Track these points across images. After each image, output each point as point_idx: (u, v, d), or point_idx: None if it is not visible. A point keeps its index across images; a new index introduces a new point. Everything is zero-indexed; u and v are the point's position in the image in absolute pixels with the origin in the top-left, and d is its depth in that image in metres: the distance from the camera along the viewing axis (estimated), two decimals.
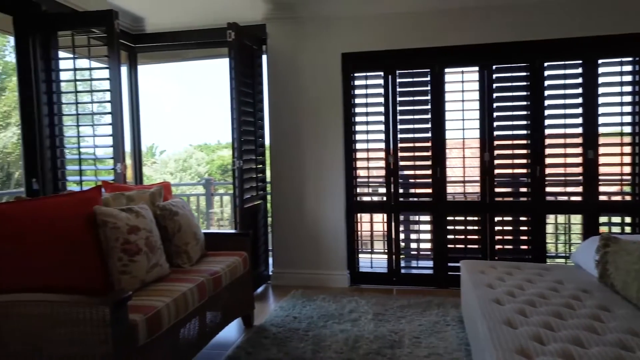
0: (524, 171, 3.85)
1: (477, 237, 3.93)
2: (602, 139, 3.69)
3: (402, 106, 3.96)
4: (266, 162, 4.28)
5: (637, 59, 3.62)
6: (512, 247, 3.94)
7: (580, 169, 3.73)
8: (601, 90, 3.66)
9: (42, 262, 1.95)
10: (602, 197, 3.74)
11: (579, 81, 3.69)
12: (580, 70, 3.68)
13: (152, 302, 2.05)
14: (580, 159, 3.71)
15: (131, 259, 2.20)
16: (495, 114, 3.82)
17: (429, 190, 4.00)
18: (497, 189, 3.89)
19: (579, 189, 3.75)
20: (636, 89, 3.64)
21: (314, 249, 4.13)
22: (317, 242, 4.13)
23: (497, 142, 3.85)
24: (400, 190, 4.06)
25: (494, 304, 2.18)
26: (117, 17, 3.28)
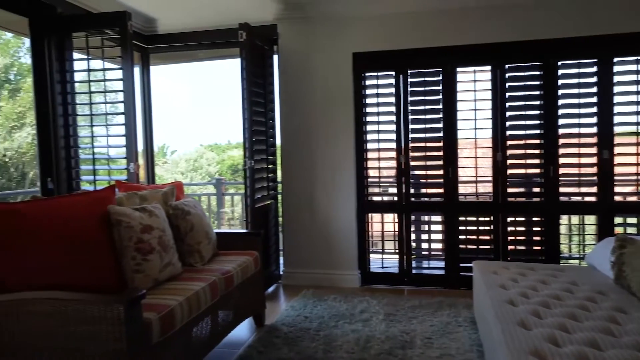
0: (537, 171, 3.81)
1: (489, 237, 3.90)
2: (617, 139, 3.64)
3: (414, 106, 3.94)
4: (277, 162, 4.29)
5: None
6: (524, 247, 3.90)
7: (595, 169, 3.68)
8: (616, 89, 3.60)
9: (57, 261, 1.97)
10: (617, 198, 3.69)
11: (594, 80, 3.64)
12: (595, 69, 3.63)
13: (165, 301, 2.06)
14: (595, 159, 3.66)
15: (144, 258, 2.21)
16: (507, 114, 3.78)
17: (441, 190, 3.97)
18: (509, 189, 3.85)
19: (593, 189, 3.71)
20: None
21: (324, 249, 4.13)
22: (328, 242, 4.12)
23: (509, 142, 3.81)
24: (411, 190, 4.04)
25: (507, 305, 2.16)
26: (130, 19, 3.31)
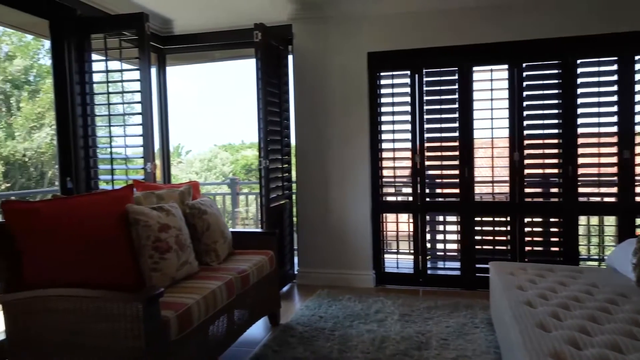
0: (555, 171, 3.75)
1: (506, 238, 3.86)
2: (638, 138, 3.56)
3: (429, 105, 3.91)
4: (292, 162, 4.30)
5: None
6: (542, 248, 3.84)
7: (615, 169, 3.61)
8: (638, 87, 3.53)
9: (77, 259, 2.01)
10: (638, 198, 3.61)
11: (614, 78, 3.56)
12: (615, 67, 3.56)
13: (182, 299, 2.08)
14: (615, 159, 3.59)
15: (162, 257, 2.24)
16: (525, 113, 3.73)
17: (456, 190, 3.94)
18: (526, 189, 3.80)
19: (613, 189, 3.64)
20: None
21: (339, 249, 4.13)
22: (342, 241, 4.12)
23: (527, 142, 3.76)
24: (426, 190, 4.02)
25: (525, 306, 2.13)
26: (147, 20, 3.34)
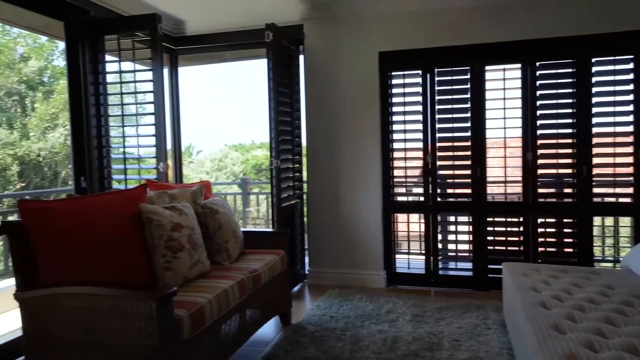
0: (569, 171, 3.70)
1: (519, 239, 3.82)
2: None
3: (441, 105, 3.89)
4: (302, 162, 4.30)
5: None
6: (555, 249, 3.80)
7: (631, 169, 3.55)
8: None
9: (91, 257, 2.02)
10: None
11: (631, 77, 3.51)
12: (632, 65, 3.50)
13: (195, 298, 2.09)
14: (631, 159, 3.53)
15: (174, 256, 2.26)
16: (538, 112, 3.69)
17: (468, 190, 3.91)
18: (540, 190, 3.76)
19: (629, 190, 3.58)
20: None
21: (350, 249, 4.12)
22: (353, 241, 4.11)
23: (540, 141, 3.72)
24: (437, 190, 3.99)
25: (539, 308, 2.11)
26: (160, 21, 3.37)
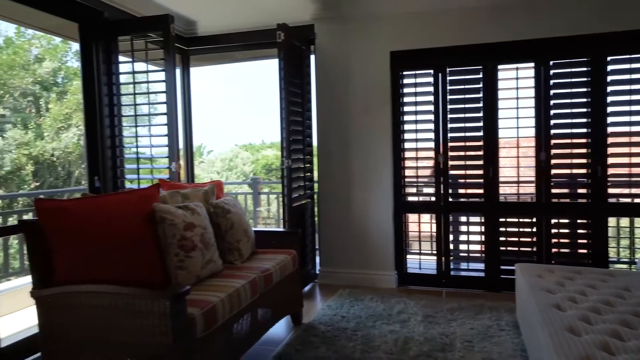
0: (584, 171, 3.66)
1: (531, 239, 3.78)
2: None
3: (453, 104, 3.87)
4: (313, 162, 4.31)
5: None
6: (569, 250, 3.75)
7: None
8: None
9: (106, 256, 2.04)
10: None
11: None
12: None
13: (207, 297, 2.10)
14: None
15: (187, 255, 2.27)
16: (552, 112, 3.65)
17: (480, 190, 3.88)
18: (553, 190, 3.72)
19: None
20: None
21: (361, 249, 4.12)
22: (364, 241, 4.10)
23: (554, 141, 3.68)
24: (449, 190, 3.97)
25: (554, 309, 2.08)
26: (172, 21, 3.39)
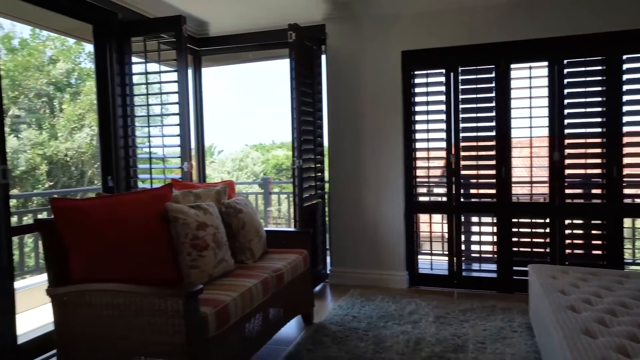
0: (598, 171, 3.61)
1: (544, 240, 3.74)
2: None
3: (465, 104, 3.84)
4: (324, 162, 4.31)
5: None
6: (583, 251, 3.70)
7: None
8: None
9: (119, 255, 2.07)
10: None
11: None
12: None
13: (220, 296, 2.12)
14: None
15: (200, 254, 2.28)
16: (566, 111, 3.61)
17: (492, 190, 3.85)
18: (567, 190, 3.67)
19: None
20: None
21: (372, 249, 4.11)
22: (375, 242, 4.09)
23: (568, 141, 3.63)
24: (461, 190, 3.94)
25: (568, 311, 2.06)
26: (185, 22, 3.42)
